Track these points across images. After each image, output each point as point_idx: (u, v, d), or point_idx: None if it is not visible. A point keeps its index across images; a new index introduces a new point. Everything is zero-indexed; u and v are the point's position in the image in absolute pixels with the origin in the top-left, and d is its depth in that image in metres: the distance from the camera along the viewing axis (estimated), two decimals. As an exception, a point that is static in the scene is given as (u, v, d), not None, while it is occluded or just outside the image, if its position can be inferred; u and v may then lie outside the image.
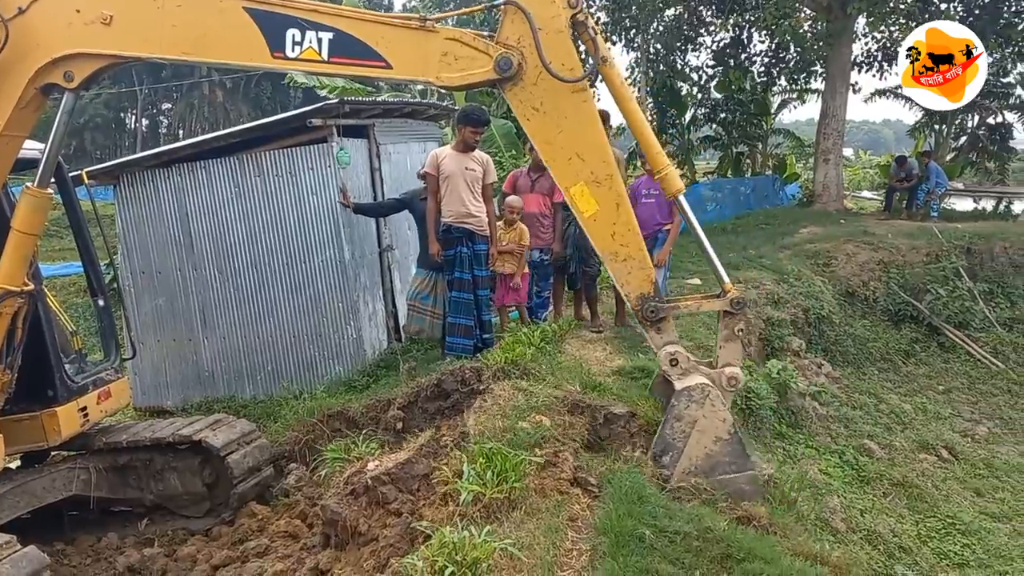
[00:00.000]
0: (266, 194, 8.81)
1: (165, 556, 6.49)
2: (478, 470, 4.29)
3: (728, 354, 4.96)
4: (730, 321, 4.91)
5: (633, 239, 4.89)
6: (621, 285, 4.97)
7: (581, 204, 4.86)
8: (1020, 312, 12.91)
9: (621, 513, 4.05)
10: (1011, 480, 9.01)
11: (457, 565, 3.44)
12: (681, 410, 4.79)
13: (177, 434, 6.79)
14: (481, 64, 4.67)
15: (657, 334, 4.98)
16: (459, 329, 7.21)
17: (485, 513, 4.12)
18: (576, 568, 3.79)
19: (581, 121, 4.75)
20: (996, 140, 21.02)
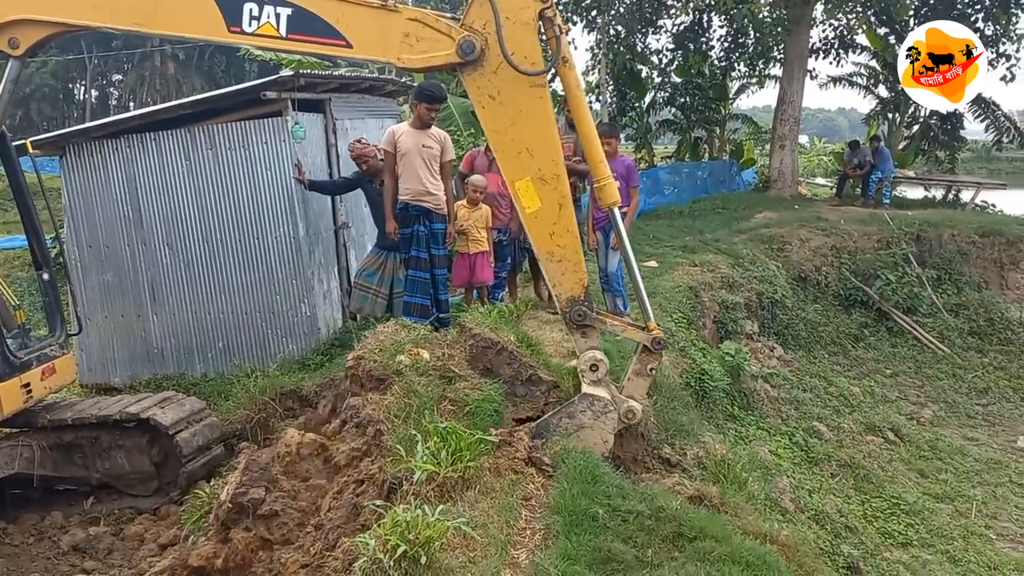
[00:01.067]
0: (218, 168, 8.62)
1: (111, 535, 6.39)
2: (432, 449, 4.25)
3: (634, 388, 5.00)
4: (646, 358, 4.96)
5: (571, 241, 4.85)
6: (553, 285, 4.93)
7: (524, 199, 4.80)
8: (966, 298, 13.23)
9: (575, 492, 4.05)
10: (954, 462, 9.27)
11: (410, 544, 3.40)
12: (576, 411, 4.84)
13: (125, 412, 6.68)
14: (443, 47, 4.59)
15: (582, 338, 4.96)
16: (415, 308, 7.14)
17: (439, 492, 4.09)
18: (529, 547, 3.79)
19: (535, 117, 4.69)
20: (947, 130, 21.38)
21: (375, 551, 3.43)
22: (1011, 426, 10.64)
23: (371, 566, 3.41)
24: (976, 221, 15.21)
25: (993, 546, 7.56)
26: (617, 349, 6.55)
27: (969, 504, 8.30)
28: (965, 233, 14.28)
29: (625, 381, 5.03)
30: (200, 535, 5.24)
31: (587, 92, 19.08)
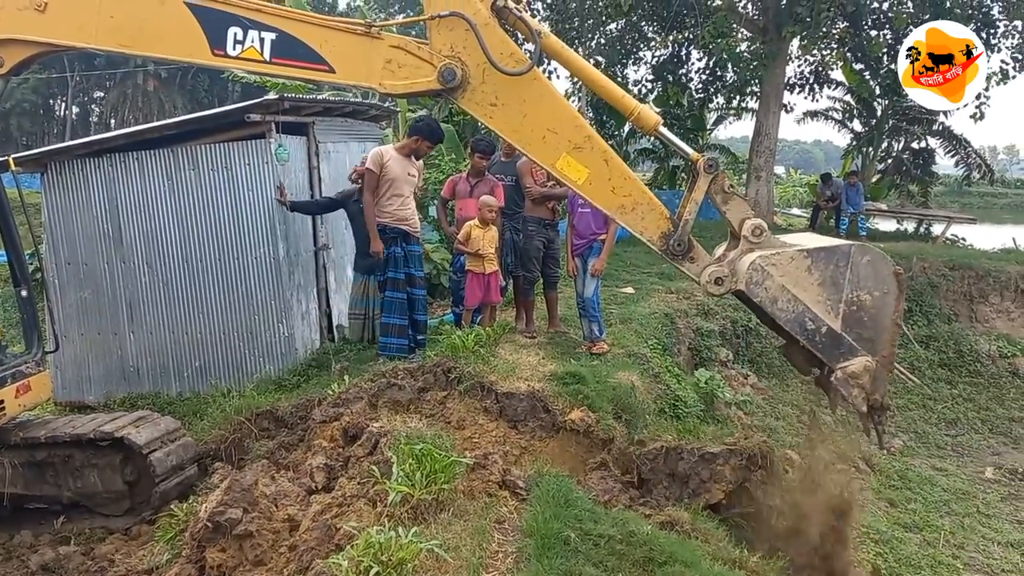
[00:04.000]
0: (200, 188, 8.65)
1: (82, 555, 6.33)
2: (407, 471, 4.30)
3: (734, 211, 4.87)
4: (715, 185, 4.81)
5: (633, 186, 4.89)
6: (640, 232, 4.89)
7: (571, 174, 4.82)
8: (936, 330, 13.46)
9: (548, 516, 4.12)
10: (923, 492, 9.40)
11: (383, 565, 3.45)
12: (765, 295, 4.72)
13: (98, 430, 6.63)
14: (425, 73, 4.66)
15: (692, 263, 4.92)
16: (393, 329, 7.25)
17: (413, 514, 4.15)
18: (501, 570, 3.84)
19: (540, 100, 4.74)
20: (919, 164, 21.84)
21: (347, 572, 3.47)
22: (979, 457, 10.81)
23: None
24: (947, 254, 15.49)
25: (960, 575, 7.66)
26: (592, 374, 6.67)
27: (937, 534, 8.41)
28: (936, 266, 14.53)
29: (727, 219, 4.94)
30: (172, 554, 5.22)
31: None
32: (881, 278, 4.69)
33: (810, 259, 4.69)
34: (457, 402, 6.28)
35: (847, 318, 4.71)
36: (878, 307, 4.71)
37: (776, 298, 4.67)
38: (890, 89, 20.25)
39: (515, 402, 6.21)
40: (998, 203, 54.08)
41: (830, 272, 4.68)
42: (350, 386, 6.69)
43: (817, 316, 4.70)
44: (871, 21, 17.98)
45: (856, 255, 4.69)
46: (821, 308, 4.71)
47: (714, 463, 5.54)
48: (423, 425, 5.72)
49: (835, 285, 4.71)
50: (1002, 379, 12.84)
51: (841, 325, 4.72)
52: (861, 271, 4.68)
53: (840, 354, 4.75)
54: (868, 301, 4.70)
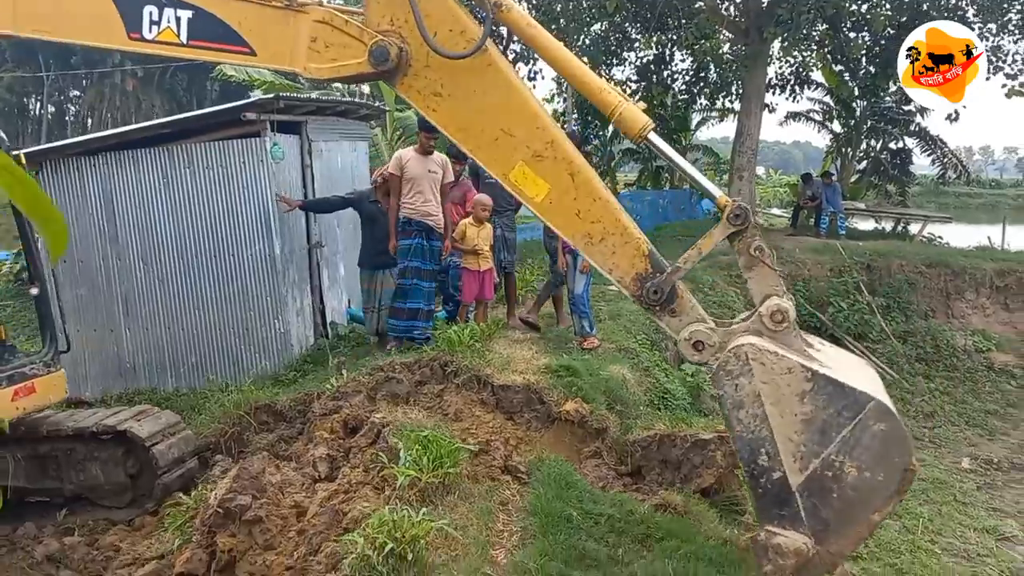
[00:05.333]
0: (195, 186, 8.77)
1: (86, 545, 6.43)
2: (414, 456, 4.48)
3: (760, 284, 3.84)
4: (742, 243, 3.83)
5: (604, 210, 3.90)
6: (609, 271, 3.93)
7: (528, 188, 3.91)
8: (913, 326, 13.79)
9: (550, 497, 4.31)
10: (902, 481, 9.66)
11: (397, 542, 3.62)
12: (732, 394, 3.66)
13: (101, 424, 6.74)
14: (354, 53, 3.90)
15: (672, 317, 3.86)
16: (405, 313, 7.56)
17: (420, 497, 4.33)
18: (507, 547, 4.03)
19: (494, 91, 3.88)
20: (897, 164, 22.25)
21: (364, 548, 3.64)
22: (956, 448, 11.11)
23: (360, 563, 3.62)
24: (923, 253, 15.85)
25: (938, 560, 7.90)
26: (585, 367, 6.86)
27: (916, 521, 8.66)
28: (913, 264, 14.88)
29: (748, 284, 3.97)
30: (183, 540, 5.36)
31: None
32: (886, 459, 3.57)
33: (812, 384, 3.59)
34: (454, 395, 6.45)
35: (813, 481, 3.60)
36: (861, 491, 3.58)
37: (742, 404, 3.65)
38: (868, 90, 20.63)
39: (511, 394, 6.40)
40: (973, 203, 54.88)
41: (826, 414, 3.58)
42: (348, 380, 6.85)
43: (777, 456, 3.61)
44: (850, 23, 18.26)
45: (871, 414, 3.55)
46: (788, 450, 3.61)
47: (706, 449, 5.71)
48: (422, 417, 5.91)
49: (823, 433, 3.59)
50: (978, 373, 13.18)
51: (801, 484, 3.60)
52: (865, 437, 3.56)
53: (777, 515, 3.62)
54: (852, 477, 3.57)
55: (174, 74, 56.19)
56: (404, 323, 7.64)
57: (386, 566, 3.57)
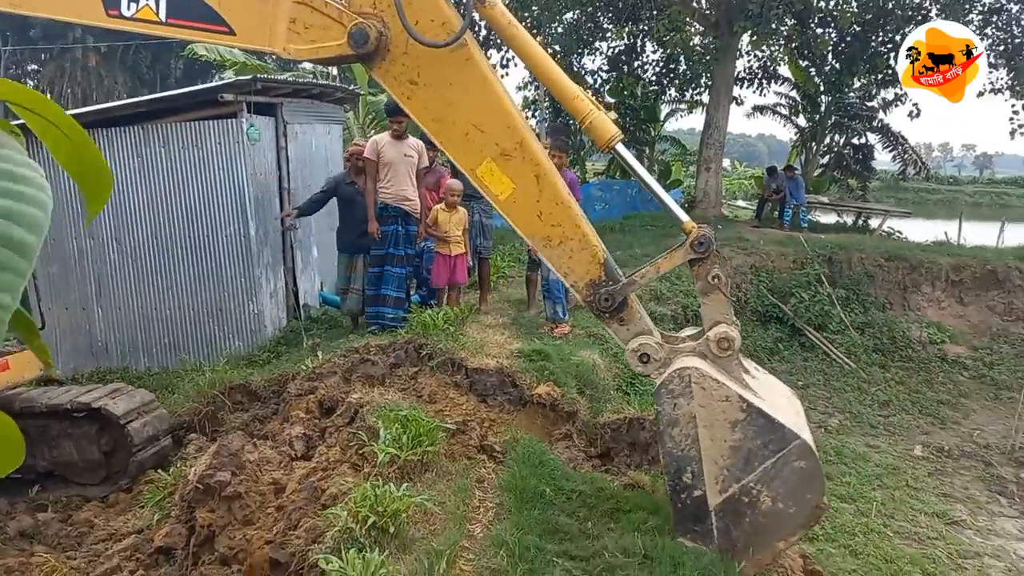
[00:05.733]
0: (170, 166, 8.79)
1: (60, 521, 6.49)
2: (394, 435, 4.62)
3: (712, 311, 4.01)
4: (701, 270, 4.01)
5: (566, 215, 4.00)
6: (564, 274, 4.09)
7: (493, 186, 3.98)
8: (872, 317, 14.14)
9: (524, 474, 4.49)
10: (857, 467, 9.98)
11: (378, 515, 3.76)
12: (670, 412, 3.84)
13: (75, 401, 6.78)
14: (334, 35, 3.89)
15: (621, 326, 4.06)
16: (390, 300, 7.66)
17: (399, 474, 4.48)
18: (483, 521, 4.20)
19: (469, 86, 3.91)
20: (859, 159, 22.67)
21: (347, 522, 3.78)
22: (909, 436, 11.45)
23: (342, 535, 3.76)
24: (883, 246, 16.21)
25: (890, 542, 8.20)
26: (557, 352, 7.02)
27: (870, 505, 8.96)
28: (872, 257, 15.23)
29: (701, 308, 4.15)
30: (161, 516, 5.46)
31: (524, 108, 19.66)
32: (800, 494, 3.82)
33: (745, 415, 3.79)
34: (428, 377, 6.57)
35: (730, 504, 3.84)
36: (772, 520, 3.82)
37: (677, 423, 3.83)
38: (833, 86, 21.02)
39: (484, 377, 6.54)
40: (931, 198, 55.99)
41: (753, 444, 3.79)
42: (324, 361, 6.96)
43: (701, 476, 3.84)
44: (817, 19, 18.60)
45: (794, 451, 3.78)
46: (712, 472, 3.84)
47: None
48: (397, 398, 6.03)
49: (747, 462, 3.81)
50: (932, 364, 13.55)
51: (718, 505, 3.85)
52: (785, 471, 3.78)
53: (691, 530, 3.89)
54: (766, 506, 3.81)
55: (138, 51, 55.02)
56: (371, 308, 7.79)
57: (368, 539, 3.70)
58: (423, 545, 3.81)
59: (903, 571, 7.58)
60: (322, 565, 3.37)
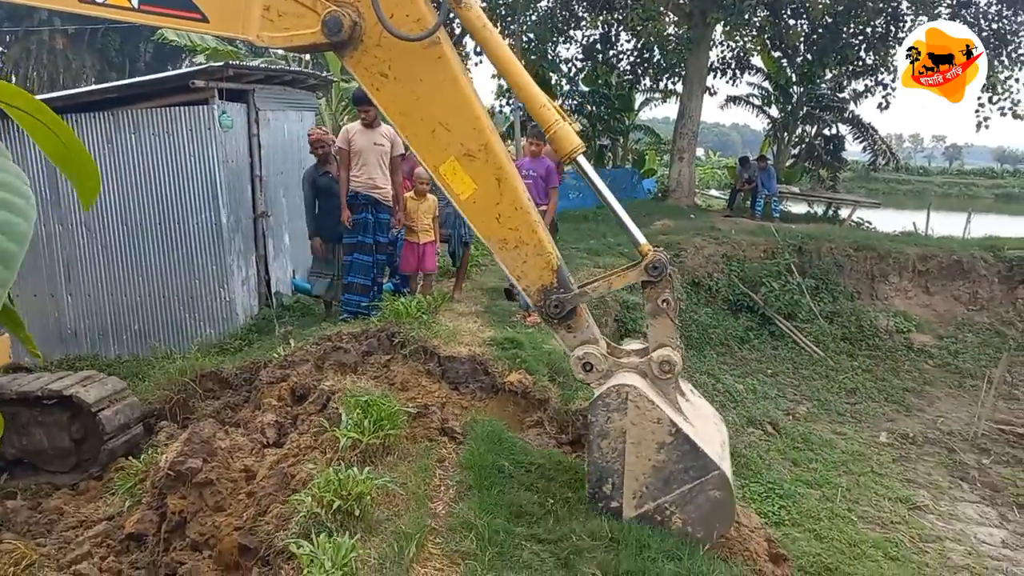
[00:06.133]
0: (141, 152, 8.72)
1: (29, 509, 6.46)
2: (356, 419, 4.67)
3: (657, 333, 4.12)
4: (653, 293, 4.08)
5: (523, 219, 4.04)
6: (517, 278, 4.14)
7: (455, 185, 4.02)
8: (840, 307, 14.38)
9: (483, 451, 4.58)
10: (823, 453, 10.19)
11: (343, 499, 3.80)
12: (602, 424, 3.96)
13: (46, 388, 6.74)
14: (308, 23, 3.88)
15: (568, 332, 4.15)
16: (357, 288, 7.67)
17: (362, 458, 4.53)
18: (445, 500, 4.27)
19: (440, 83, 3.92)
20: (830, 150, 22.94)
21: (311, 507, 3.81)
22: (874, 423, 11.68)
23: (308, 520, 3.80)
24: (852, 236, 16.47)
25: (854, 526, 8.39)
26: (529, 340, 7.09)
27: (835, 490, 9.16)
28: (842, 247, 15.46)
29: (648, 329, 4.23)
30: (132, 502, 5.46)
31: (499, 96, 19.66)
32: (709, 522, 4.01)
33: (672, 439, 3.92)
34: (401, 365, 6.60)
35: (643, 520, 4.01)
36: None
37: (607, 435, 3.96)
38: (805, 77, 21.23)
39: (456, 365, 6.59)
40: (901, 189, 56.71)
41: (676, 468, 3.93)
42: (296, 349, 6.97)
43: (621, 489, 3.98)
44: (790, 11, 18.77)
45: (712, 481, 3.94)
46: (632, 487, 3.97)
47: None
48: (370, 386, 6.06)
49: (666, 483, 3.96)
50: (898, 352, 13.82)
51: (631, 518, 4.02)
52: (700, 498, 3.95)
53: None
54: (676, 527, 3.99)
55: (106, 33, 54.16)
56: (343, 296, 7.85)
57: (334, 522, 3.74)
58: (389, 526, 3.86)
59: (866, 554, 7.77)
60: (293, 549, 3.41)
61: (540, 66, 19.99)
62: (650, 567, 3.65)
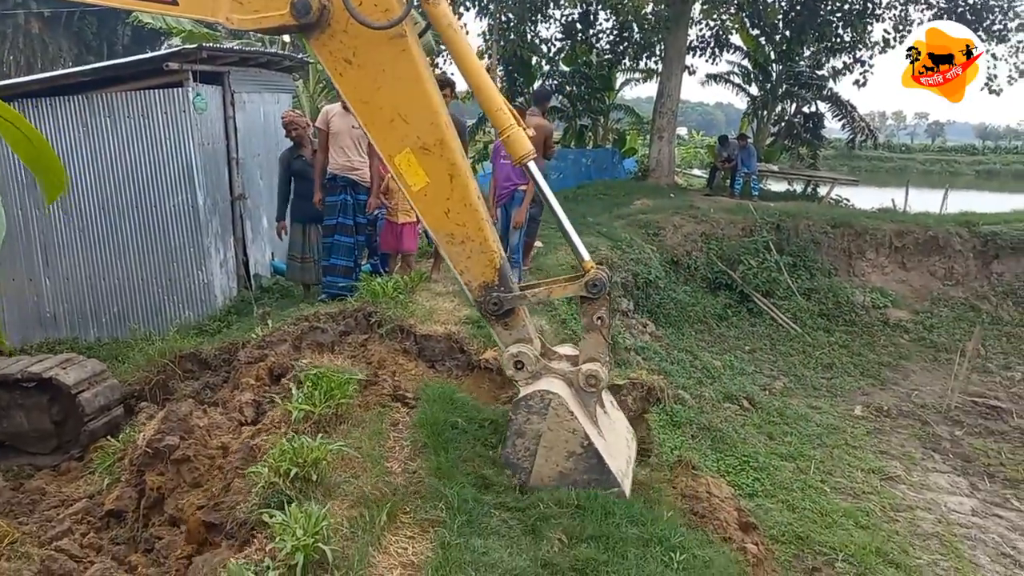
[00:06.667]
0: (117, 136, 8.73)
1: (11, 490, 6.52)
2: (307, 392, 4.77)
3: (589, 347, 4.25)
4: (590, 308, 4.20)
5: (471, 217, 4.13)
6: (460, 272, 4.24)
7: (408, 176, 4.10)
8: (817, 283, 14.56)
9: (436, 410, 4.70)
10: (798, 426, 10.36)
11: (300, 466, 3.88)
12: (521, 424, 4.11)
13: (26, 371, 6.78)
14: (277, 5, 3.90)
15: (504, 330, 4.26)
16: (340, 270, 7.76)
17: (316, 428, 4.64)
18: (400, 459, 4.39)
19: (402, 75, 3.96)
20: (809, 128, 23.07)
21: (269, 477, 3.89)
22: (850, 397, 11.87)
23: (268, 490, 3.87)
24: (829, 213, 16.63)
25: (826, 497, 8.56)
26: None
27: (809, 462, 9.32)
28: (819, 224, 15.62)
29: (581, 343, 4.38)
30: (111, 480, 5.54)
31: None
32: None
33: (583, 452, 4.10)
34: (378, 344, 6.69)
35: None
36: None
37: (523, 435, 4.12)
38: (784, 55, 21.32)
39: (433, 343, 6.68)
40: (884, 166, 57.02)
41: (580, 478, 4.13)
42: (274, 329, 7.03)
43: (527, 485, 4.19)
44: (768, -12, 18.87)
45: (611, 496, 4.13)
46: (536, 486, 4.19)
47: (619, 394, 6.09)
48: (347, 365, 6.15)
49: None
50: (874, 328, 14.03)
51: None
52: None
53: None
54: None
55: (83, 17, 53.48)
56: (324, 279, 7.93)
57: (293, 489, 3.80)
58: (347, 487, 3.96)
59: (837, 523, 7.93)
60: (266, 519, 3.49)
61: (519, 46, 20.00)
62: (614, 531, 3.76)
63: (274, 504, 3.72)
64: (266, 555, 3.31)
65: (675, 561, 3.70)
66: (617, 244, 12.87)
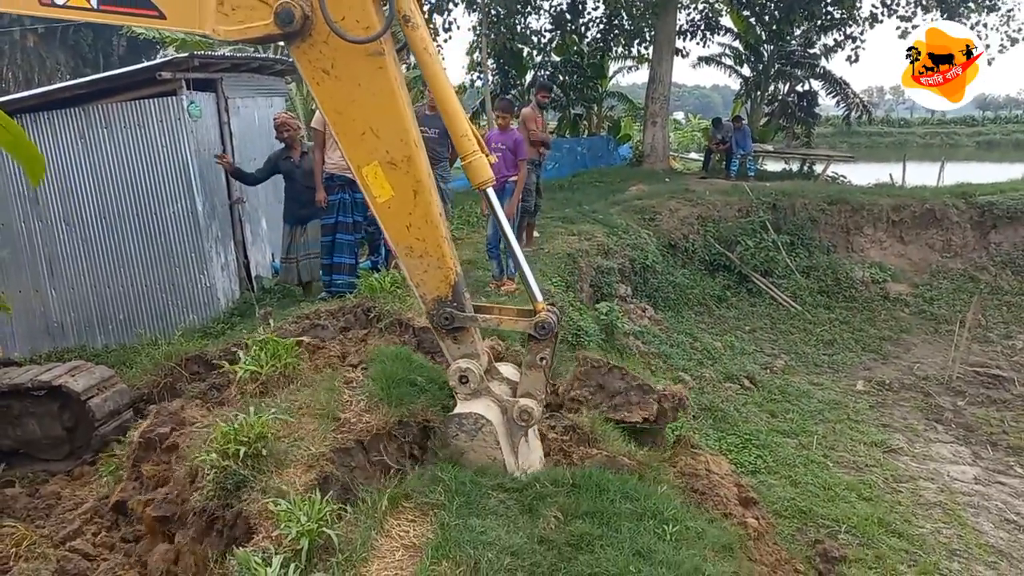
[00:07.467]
0: (114, 146, 8.86)
1: (28, 496, 6.67)
2: (253, 355, 4.91)
3: (529, 383, 4.40)
4: (536, 347, 4.34)
5: (431, 233, 4.28)
6: (416, 284, 4.39)
7: (374, 188, 4.23)
8: (816, 261, 14.64)
9: (392, 368, 4.86)
10: (799, 404, 10.46)
11: (247, 445, 4.00)
12: (448, 438, 4.30)
13: (36, 380, 6.92)
14: (261, 15, 4.01)
15: (454, 344, 4.43)
16: (344, 268, 7.91)
17: (263, 389, 4.78)
18: (356, 411, 4.54)
19: (376, 91, 4.09)
20: (803, 107, 23.09)
21: (218, 461, 3.99)
22: (851, 372, 11.96)
23: (221, 474, 3.98)
24: (826, 191, 16.69)
25: (828, 471, 8.66)
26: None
27: (811, 438, 9.41)
28: (816, 202, 15.68)
29: (521, 378, 4.52)
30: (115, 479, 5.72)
31: (470, 70, 19.74)
32: None
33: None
34: (377, 338, 6.79)
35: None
36: None
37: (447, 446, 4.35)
38: (775, 35, 21.34)
39: (431, 335, 6.76)
40: (883, 141, 56.83)
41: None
42: (275, 328, 7.15)
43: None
44: (756, -31, 18.90)
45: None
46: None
47: (650, 394, 6.10)
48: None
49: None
50: (874, 303, 14.10)
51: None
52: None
53: None
54: None
55: (78, 30, 53.62)
56: (326, 277, 8.05)
57: (247, 468, 3.93)
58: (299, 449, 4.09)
59: (840, 496, 8.04)
60: (271, 508, 3.62)
61: (509, 39, 20.06)
62: (608, 507, 3.89)
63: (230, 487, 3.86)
64: (271, 542, 3.44)
65: (668, 533, 3.83)
66: (613, 230, 12.97)
